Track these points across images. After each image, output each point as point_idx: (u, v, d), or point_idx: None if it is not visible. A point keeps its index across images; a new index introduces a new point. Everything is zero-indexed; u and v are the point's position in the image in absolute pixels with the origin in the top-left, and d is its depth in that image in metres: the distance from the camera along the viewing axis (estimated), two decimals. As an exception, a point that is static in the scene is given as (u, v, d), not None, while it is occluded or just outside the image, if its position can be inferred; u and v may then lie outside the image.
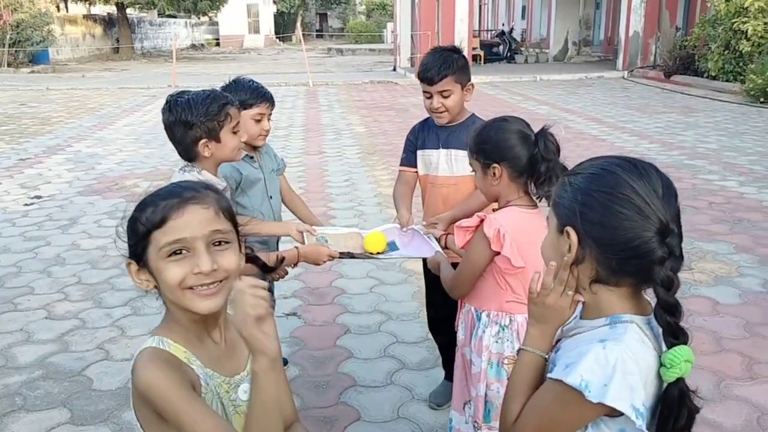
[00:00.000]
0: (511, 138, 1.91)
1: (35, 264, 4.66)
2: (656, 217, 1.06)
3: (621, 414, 1.02)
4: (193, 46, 41.19)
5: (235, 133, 2.21)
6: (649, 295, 1.15)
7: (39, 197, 6.45)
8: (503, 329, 1.99)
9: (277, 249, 2.61)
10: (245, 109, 2.51)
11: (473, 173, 2.04)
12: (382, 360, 3.29)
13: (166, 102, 2.15)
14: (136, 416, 1.24)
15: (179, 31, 40.47)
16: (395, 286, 4.20)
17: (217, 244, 1.22)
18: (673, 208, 1.09)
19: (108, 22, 32.86)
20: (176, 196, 1.21)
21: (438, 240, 2.40)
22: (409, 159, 2.72)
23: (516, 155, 1.89)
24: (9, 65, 21.86)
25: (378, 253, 2.36)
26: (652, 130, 9.87)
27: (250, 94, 2.56)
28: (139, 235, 1.20)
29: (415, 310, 3.83)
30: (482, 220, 1.92)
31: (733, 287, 4.12)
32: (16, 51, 22.41)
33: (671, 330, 1.06)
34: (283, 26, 48.11)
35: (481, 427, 2.00)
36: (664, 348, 1.08)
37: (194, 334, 1.26)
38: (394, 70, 20.85)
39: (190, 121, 2.10)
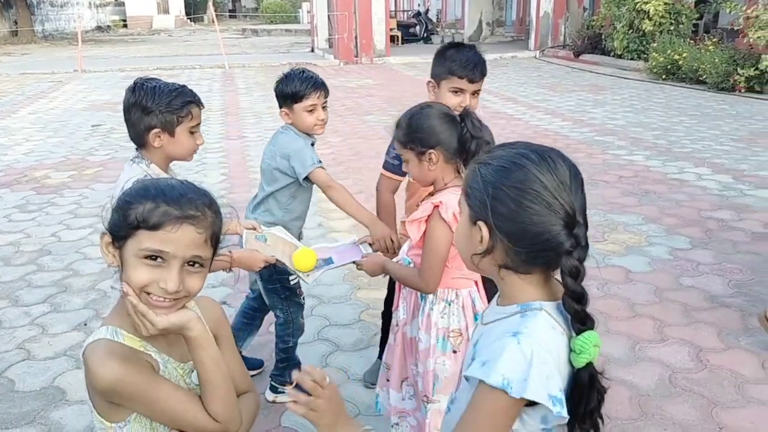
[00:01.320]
0: (440, 122, 1.97)
1: (-60, 264, 4.40)
2: (564, 211, 1.10)
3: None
4: (99, 28, 39.22)
5: (192, 133, 2.16)
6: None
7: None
8: (449, 304, 2.06)
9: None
10: (296, 102, 2.51)
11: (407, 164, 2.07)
12: (316, 343, 3.33)
13: (133, 83, 2.11)
14: (91, 403, 1.27)
15: (83, 12, 38.39)
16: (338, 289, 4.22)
17: (191, 264, 1.23)
18: (579, 199, 1.12)
19: (4, 3, 30.78)
20: (179, 208, 1.19)
21: (371, 245, 2.39)
22: (398, 166, 2.40)
23: (448, 138, 1.95)
24: None
25: (305, 271, 2.27)
26: (564, 108, 10.25)
27: (299, 85, 2.52)
28: (128, 222, 1.19)
29: (347, 292, 3.87)
30: (436, 207, 1.95)
31: (643, 256, 4.38)
32: None
33: (579, 317, 1.10)
34: (194, 6, 46.52)
35: (431, 400, 2.07)
36: (573, 333, 1.12)
37: None
38: (312, 51, 20.63)
39: (148, 107, 2.07)
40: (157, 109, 2.07)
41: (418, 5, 32.28)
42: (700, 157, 6.91)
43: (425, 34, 23.99)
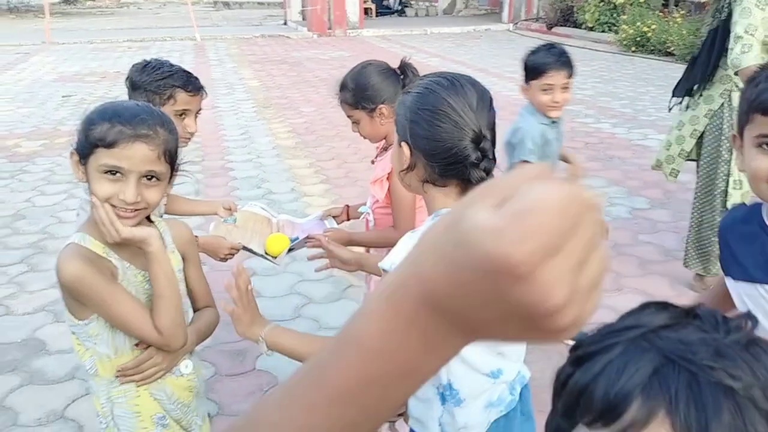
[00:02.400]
0: (383, 77, 2.07)
1: None
2: (470, 129, 1.24)
3: None
4: (66, 1, 38.33)
5: (180, 116, 2.10)
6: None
7: None
8: None
9: None
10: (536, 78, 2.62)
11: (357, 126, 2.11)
12: (289, 297, 3.46)
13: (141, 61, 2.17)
14: (65, 305, 1.45)
15: (48, -16, 37.42)
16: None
17: (149, 178, 1.36)
18: (486, 118, 1.27)
19: (-35, -27, 29.91)
20: (131, 127, 1.31)
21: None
22: None
23: (394, 90, 2.03)
24: None
25: (275, 256, 2.24)
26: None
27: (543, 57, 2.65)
28: (89, 141, 1.33)
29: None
30: None
31: (604, 216, 4.57)
32: None
33: None
34: (164, -21, 45.56)
35: None
36: None
37: None
38: (285, 23, 20.44)
39: (136, 82, 2.09)
40: (142, 86, 2.09)
41: (392, -22, 32.03)
42: (663, 125, 7.11)
43: (399, 7, 23.90)
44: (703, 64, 3.28)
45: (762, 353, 0.57)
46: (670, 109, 3.50)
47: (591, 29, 14.98)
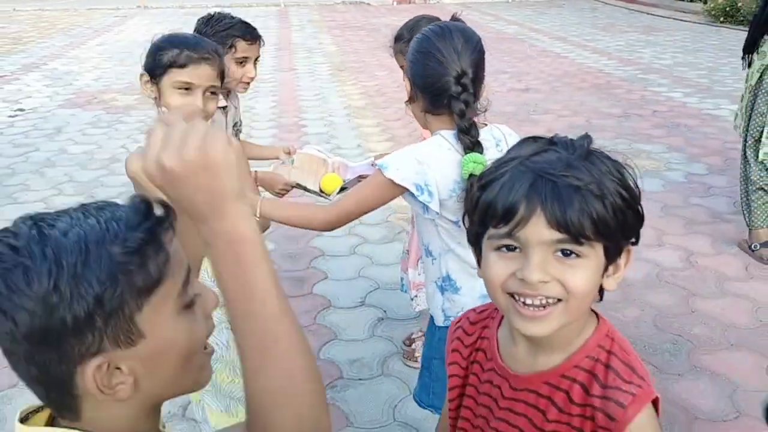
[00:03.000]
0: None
1: (27, 166, 5.03)
2: (453, 68, 1.51)
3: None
4: (160, -33, 39.83)
5: (239, 63, 2.27)
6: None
7: (22, 110, 6.73)
8: None
9: None
10: None
11: None
12: (347, 237, 3.79)
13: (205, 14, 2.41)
14: None
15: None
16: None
17: (211, 93, 1.70)
18: (469, 59, 1.52)
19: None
20: (197, 51, 1.64)
21: None
22: None
23: None
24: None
25: (329, 194, 2.37)
26: (613, 47, 10.25)
27: None
28: (161, 64, 1.64)
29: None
30: None
31: (659, 179, 4.65)
32: (-24, -29, 21.70)
33: (464, 143, 1.52)
34: (253, -54, 46.47)
35: None
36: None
37: None
38: (367, -9, 20.67)
39: (202, 32, 2.27)
40: (207, 35, 2.25)
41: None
42: (738, 95, 6.97)
43: (482, -25, 23.59)
44: (758, 18, 3.39)
45: (597, 160, 0.90)
46: (743, 69, 3.61)
47: (679, -2, 14.45)
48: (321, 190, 2.37)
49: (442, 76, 1.52)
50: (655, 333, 2.86)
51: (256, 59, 2.34)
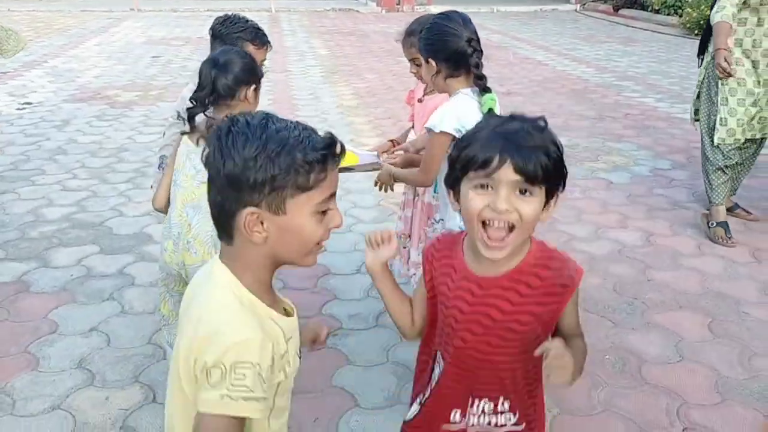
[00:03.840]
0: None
1: (41, 153, 5.36)
2: (464, 35, 2.06)
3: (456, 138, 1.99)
4: (150, -29, 40.04)
5: None
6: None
7: (29, 103, 7.04)
8: None
9: None
10: None
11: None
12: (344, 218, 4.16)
13: (220, 16, 2.75)
14: None
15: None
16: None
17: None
18: (470, 29, 2.09)
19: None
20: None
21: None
22: None
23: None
24: (-38, -15, 21.33)
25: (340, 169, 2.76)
26: (592, 57, 10.74)
27: None
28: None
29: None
30: None
31: (627, 172, 5.09)
32: (-33, -29, 21.85)
33: (481, 87, 2.08)
34: (242, -47, 46.80)
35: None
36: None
37: None
38: (356, -1, 21.12)
39: (216, 32, 2.67)
40: (220, 36, 2.64)
41: (464, -44, 32.11)
42: (706, 101, 7.46)
43: (468, -14, 24.16)
44: (707, 24, 3.92)
45: (543, 130, 1.31)
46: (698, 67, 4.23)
47: (657, 12, 15.03)
48: None
49: (458, 43, 2.07)
50: (614, 296, 3.27)
51: (262, 61, 2.60)
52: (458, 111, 2.08)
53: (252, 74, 2.16)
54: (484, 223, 1.30)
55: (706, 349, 2.85)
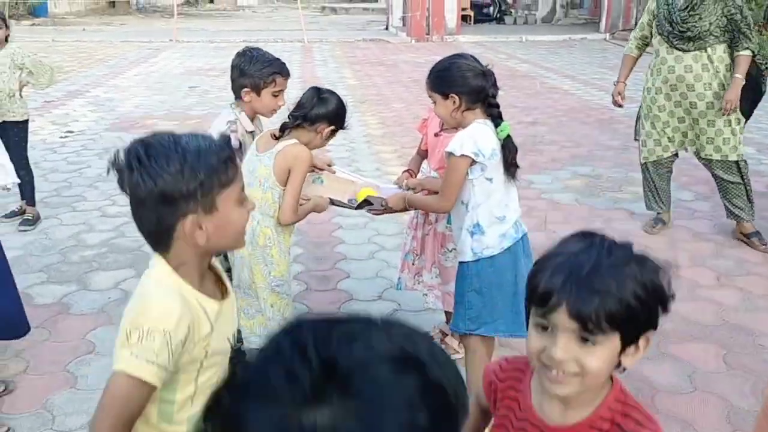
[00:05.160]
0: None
1: (82, 180, 5.63)
2: (480, 71, 2.25)
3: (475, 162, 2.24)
4: (188, 3, 41.20)
5: (275, 96, 2.70)
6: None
7: (71, 132, 7.38)
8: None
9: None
10: None
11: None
12: (367, 245, 4.31)
13: (243, 49, 2.83)
14: None
15: (174, -13, 40.51)
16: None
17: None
18: (483, 65, 2.30)
19: (104, -23, 33.02)
20: None
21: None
22: None
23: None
24: (11, 17, 22.30)
25: (357, 201, 2.67)
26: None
27: None
28: None
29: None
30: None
31: (649, 203, 5.14)
32: (16, 3, 22.88)
33: (496, 117, 2.29)
34: (277, -17, 48.04)
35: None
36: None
37: None
38: (386, 28, 21.49)
39: (245, 70, 2.72)
40: (250, 73, 2.69)
41: (495, -14, 32.51)
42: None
43: (498, 15, 24.44)
44: None
45: (627, 264, 1.08)
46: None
47: (687, 41, 15.02)
48: (352, 200, 2.74)
49: (476, 78, 2.30)
50: (631, 327, 3.32)
51: (281, 91, 2.77)
52: (476, 136, 2.26)
53: (338, 119, 2.46)
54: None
55: (719, 380, 2.89)
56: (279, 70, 2.73)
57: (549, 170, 6.13)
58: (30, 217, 4.61)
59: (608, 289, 1.05)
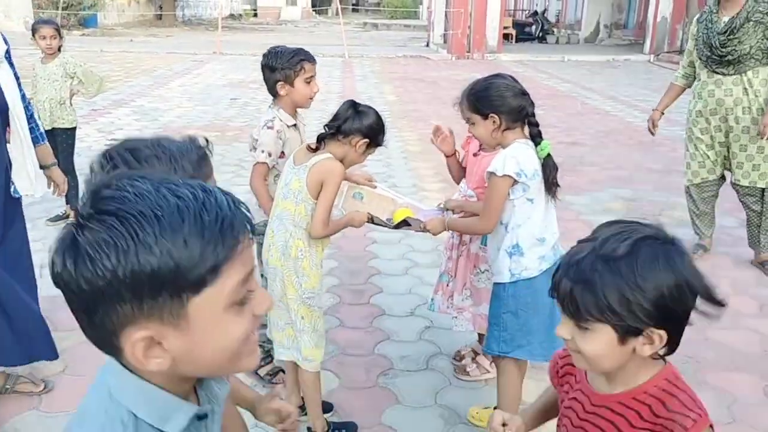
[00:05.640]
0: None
1: (125, 187, 5.75)
2: (520, 91, 2.26)
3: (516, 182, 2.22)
4: (232, 16, 42.15)
5: (307, 83, 2.76)
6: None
7: (116, 140, 7.50)
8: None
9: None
10: None
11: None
12: (401, 261, 4.31)
13: (267, 50, 2.90)
14: None
15: (219, 1, 41.52)
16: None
17: None
18: (521, 86, 2.31)
19: (152, -10, 33.97)
20: None
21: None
22: None
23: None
24: (62, 27, 23.08)
25: (395, 221, 2.63)
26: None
27: None
28: None
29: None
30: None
31: (690, 229, 5.03)
32: (68, 14, 23.69)
33: (537, 135, 2.31)
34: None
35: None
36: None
37: None
38: (427, 45, 21.61)
39: (273, 65, 2.81)
40: (278, 66, 2.77)
41: (536, 5, 32.48)
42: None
43: (540, 34, 24.36)
44: None
45: (626, 264, 1.12)
46: None
47: (733, 64, 14.74)
48: (389, 219, 2.68)
49: (516, 97, 2.29)
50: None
51: (313, 77, 2.83)
52: (519, 157, 2.24)
53: (373, 133, 2.43)
54: None
55: (760, 412, 2.80)
56: (304, 56, 2.79)
57: (588, 191, 6.05)
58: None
59: (591, 281, 1.12)
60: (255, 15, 43.81)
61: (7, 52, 2.79)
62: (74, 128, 4.80)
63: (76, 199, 4.81)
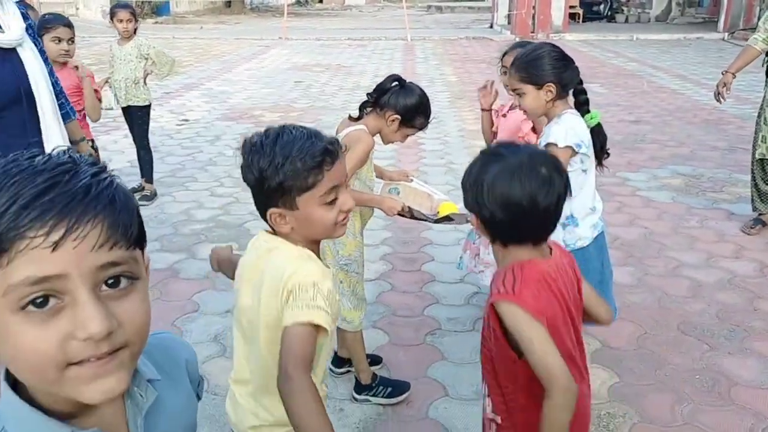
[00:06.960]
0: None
1: (194, 164, 6.10)
2: (570, 60, 2.40)
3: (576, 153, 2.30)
4: (298, 2, 42.67)
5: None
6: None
7: (186, 120, 7.97)
8: None
9: None
10: None
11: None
12: (453, 231, 4.44)
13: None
14: None
15: (286, -13, 42.08)
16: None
17: None
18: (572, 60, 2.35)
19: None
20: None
21: None
22: None
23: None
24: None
25: (439, 215, 2.62)
26: (734, 87, 10.19)
27: None
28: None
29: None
30: None
31: (749, 204, 4.95)
32: (142, 3, 24.63)
33: (586, 106, 2.43)
34: (384, -17, 48.74)
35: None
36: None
37: None
38: (491, 27, 21.39)
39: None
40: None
41: (606, -16, 31.47)
42: None
43: (608, 13, 23.69)
44: None
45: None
46: None
47: (815, 40, 14.01)
48: (434, 214, 2.67)
49: (569, 67, 2.37)
50: (716, 322, 3.28)
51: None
52: (576, 129, 2.32)
53: (407, 113, 2.41)
54: None
55: (805, 379, 2.82)
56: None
57: (647, 168, 6.00)
58: (148, 194, 5.09)
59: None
60: (320, 1, 44.27)
61: (30, 26, 2.67)
62: (148, 106, 5.12)
63: (150, 174, 5.16)
